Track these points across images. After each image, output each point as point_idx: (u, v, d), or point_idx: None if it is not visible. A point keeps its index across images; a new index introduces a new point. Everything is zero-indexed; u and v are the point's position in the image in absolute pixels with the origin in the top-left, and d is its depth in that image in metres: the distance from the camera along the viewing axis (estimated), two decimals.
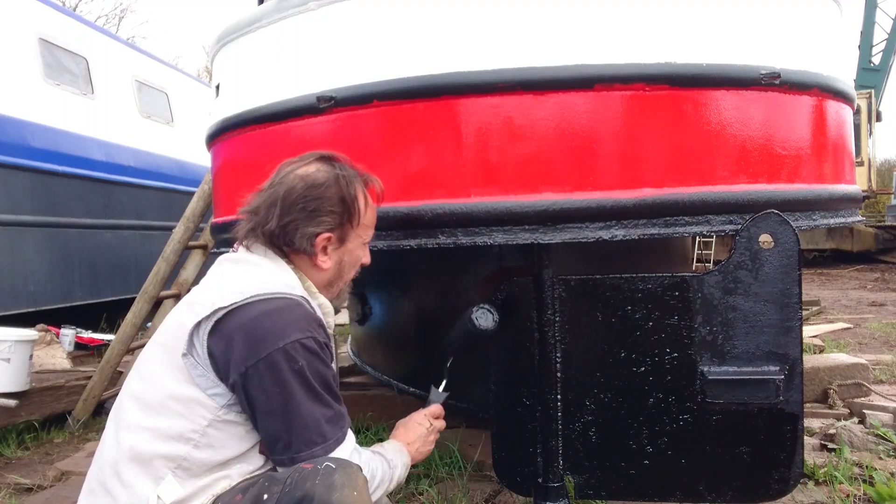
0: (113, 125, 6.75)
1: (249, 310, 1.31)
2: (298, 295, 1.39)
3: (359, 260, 1.60)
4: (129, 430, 1.31)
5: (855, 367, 3.55)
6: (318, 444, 1.29)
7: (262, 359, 1.27)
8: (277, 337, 1.29)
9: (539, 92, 1.76)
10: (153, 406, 1.31)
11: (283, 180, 1.50)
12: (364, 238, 1.59)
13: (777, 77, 1.84)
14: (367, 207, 1.56)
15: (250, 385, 1.28)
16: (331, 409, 1.33)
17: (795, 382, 1.82)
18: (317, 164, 1.54)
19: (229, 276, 1.44)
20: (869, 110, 15.26)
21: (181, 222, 4.03)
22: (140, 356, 1.44)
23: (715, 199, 1.79)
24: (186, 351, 1.30)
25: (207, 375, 1.31)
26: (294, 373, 1.28)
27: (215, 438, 1.31)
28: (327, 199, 1.48)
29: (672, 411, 1.89)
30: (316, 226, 1.47)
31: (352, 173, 1.55)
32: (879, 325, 6.25)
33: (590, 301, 1.91)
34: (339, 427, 1.34)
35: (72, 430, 3.75)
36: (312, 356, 1.32)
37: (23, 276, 5.46)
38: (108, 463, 1.32)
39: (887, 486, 2.28)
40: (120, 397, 1.40)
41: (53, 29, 6.14)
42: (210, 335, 1.30)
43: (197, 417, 1.30)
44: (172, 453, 1.28)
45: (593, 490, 1.99)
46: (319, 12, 1.98)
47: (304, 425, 1.29)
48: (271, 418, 1.29)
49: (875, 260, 14.47)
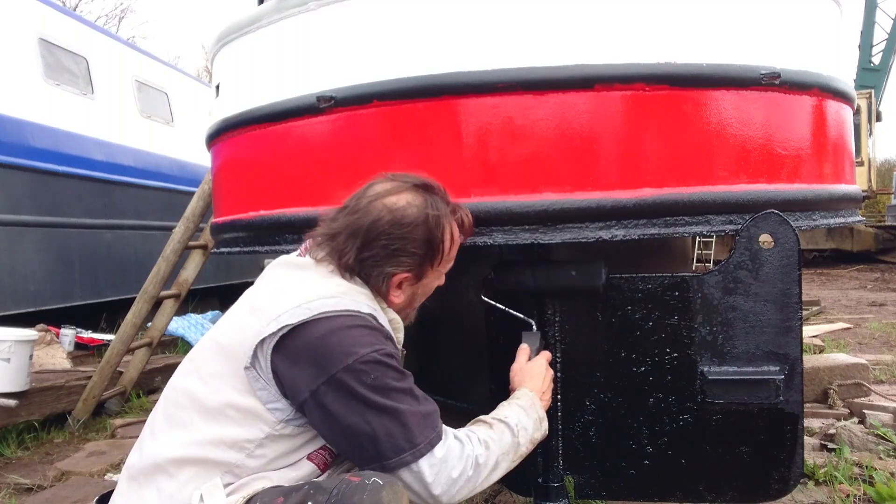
0: (113, 125, 6.75)
1: (316, 327, 1.28)
2: (367, 311, 1.35)
3: (432, 289, 1.55)
4: (185, 429, 1.30)
5: (855, 367, 3.55)
6: (407, 450, 1.26)
7: (333, 376, 1.25)
8: (345, 354, 1.26)
9: (539, 92, 1.76)
10: (211, 411, 1.30)
11: (369, 208, 1.41)
12: (443, 271, 1.53)
13: (777, 77, 1.84)
14: (452, 245, 1.49)
15: (323, 404, 1.26)
16: (415, 410, 1.29)
17: (795, 382, 1.82)
18: (409, 195, 1.44)
19: (296, 284, 1.38)
20: (869, 110, 15.25)
21: (181, 222, 4.03)
22: (197, 350, 1.42)
23: (715, 199, 1.79)
24: (250, 364, 1.28)
25: (269, 390, 1.29)
26: (367, 386, 1.26)
27: (270, 449, 1.30)
28: (412, 240, 1.40)
29: (672, 411, 1.89)
30: (395, 266, 1.40)
31: (443, 210, 1.46)
32: (879, 325, 6.25)
33: (590, 301, 1.91)
34: (429, 427, 1.30)
35: (72, 430, 3.75)
36: (382, 366, 1.28)
37: (23, 276, 5.46)
38: (157, 456, 1.30)
39: (887, 486, 2.28)
40: (174, 389, 1.38)
41: (53, 29, 6.14)
42: (275, 351, 1.28)
43: (255, 429, 1.29)
44: (225, 459, 1.27)
45: (593, 490, 1.99)
46: (319, 12, 1.98)
47: (388, 433, 1.26)
48: (352, 435, 1.27)
49: (875, 260, 14.47)
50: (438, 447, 1.30)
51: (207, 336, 1.43)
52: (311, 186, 2.02)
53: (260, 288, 1.44)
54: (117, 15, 28.63)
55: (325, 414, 1.27)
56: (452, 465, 1.30)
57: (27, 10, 5.90)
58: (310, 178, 2.02)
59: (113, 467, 3.10)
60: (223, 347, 1.35)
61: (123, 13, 32.27)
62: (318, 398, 1.26)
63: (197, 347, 1.43)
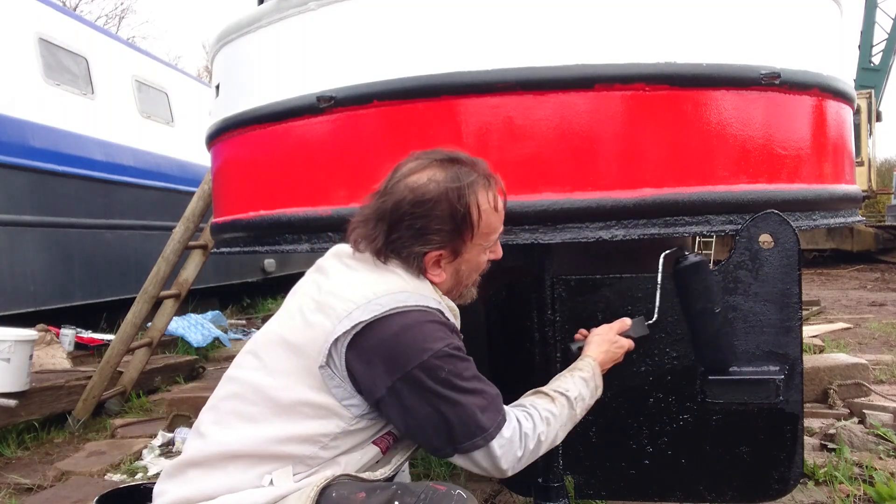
0: (113, 125, 6.75)
1: (389, 324, 1.30)
2: (435, 306, 1.37)
3: (481, 263, 1.52)
4: (256, 424, 1.31)
5: (855, 367, 3.55)
6: (479, 435, 1.31)
7: (408, 373, 1.28)
8: (420, 351, 1.29)
9: (539, 92, 1.76)
10: (284, 407, 1.31)
11: (393, 189, 1.41)
12: (485, 244, 1.49)
13: (777, 77, 1.84)
14: (484, 215, 1.43)
15: (399, 398, 1.29)
16: (482, 397, 1.34)
17: (795, 382, 1.82)
18: (430, 170, 1.41)
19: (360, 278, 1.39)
20: (869, 110, 15.25)
21: (181, 222, 4.03)
22: (259, 344, 1.41)
23: (715, 199, 1.79)
24: (325, 363, 1.30)
25: (344, 387, 1.30)
26: (440, 381, 1.29)
27: (343, 442, 1.33)
28: (435, 217, 1.38)
29: (672, 411, 1.89)
30: (424, 245, 1.39)
31: (468, 181, 1.41)
32: (879, 325, 6.25)
33: (590, 301, 1.91)
34: (495, 411, 1.35)
35: (72, 430, 3.75)
36: (453, 360, 1.32)
37: (23, 276, 5.46)
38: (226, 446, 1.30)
39: (887, 486, 2.28)
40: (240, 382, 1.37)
41: (53, 29, 6.14)
42: (349, 349, 1.29)
43: (330, 425, 1.30)
44: (299, 453, 1.29)
45: (593, 490, 1.99)
46: (319, 12, 1.98)
47: (463, 421, 1.31)
48: (428, 424, 1.32)
49: (875, 260, 14.46)
50: (505, 428, 1.35)
51: (269, 330, 1.42)
52: (311, 186, 2.02)
53: (322, 282, 1.43)
54: (117, 15, 28.64)
55: (402, 408, 1.30)
56: (517, 444, 1.36)
57: (27, 9, 5.90)
58: (310, 178, 2.02)
59: (113, 467, 3.10)
60: (292, 345, 1.34)
61: (123, 13, 32.30)
62: (395, 393, 1.29)
63: (259, 341, 1.42)
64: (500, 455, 1.34)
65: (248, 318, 8.70)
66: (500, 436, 1.34)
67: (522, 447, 1.37)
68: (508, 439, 1.35)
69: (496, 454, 1.33)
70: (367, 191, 1.93)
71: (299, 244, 2.07)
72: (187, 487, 1.30)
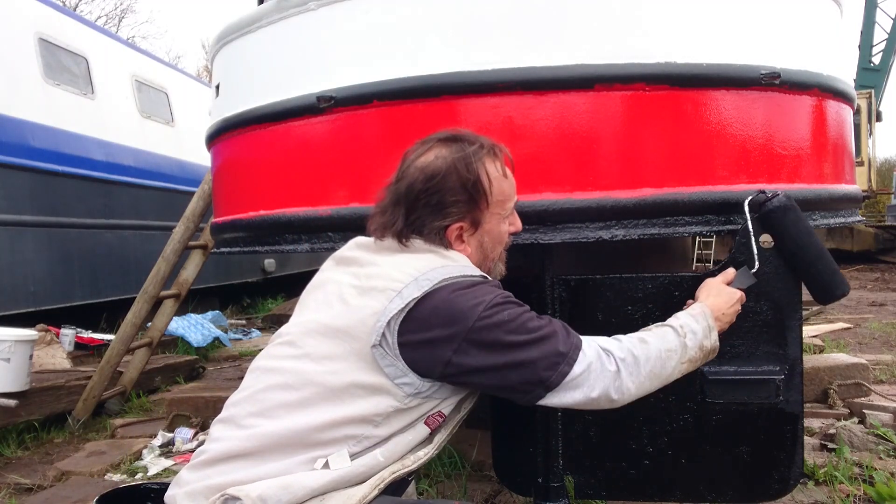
0: (113, 125, 6.75)
1: (439, 293, 1.31)
2: (478, 273, 1.39)
3: (503, 234, 1.53)
4: (305, 410, 1.30)
5: (855, 367, 3.55)
6: (561, 362, 1.31)
7: (469, 330, 1.28)
8: (474, 306, 1.29)
9: (539, 92, 1.76)
10: (335, 391, 1.31)
11: (404, 174, 1.45)
12: (502, 213, 1.51)
13: (777, 77, 1.84)
14: (495, 182, 1.45)
15: (470, 359, 1.29)
16: (550, 327, 1.34)
17: (795, 382, 1.82)
18: (436, 149, 1.45)
19: (400, 260, 1.40)
20: (869, 110, 15.25)
21: (181, 222, 4.03)
22: (294, 334, 1.40)
23: (715, 199, 1.79)
24: (377, 343, 1.30)
25: (397, 365, 1.31)
26: (503, 327, 1.30)
27: (395, 420, 1.33)
28: (448, 189, 1.41)
29: (672, 411, 1.89)
30: (442, 219, 1.42)
31: (472, 151, 1.44)
32: (879, 325, 6.25)
33: (590, 301, 1.91)
34: (567, 335, 1.35)
35: (72, 430, 3.75)
36: (509, 304, 1.33)
37: (23, 276, 5.46)
38: (275, 435, 1.29)
39: (887, 486, 2.28)
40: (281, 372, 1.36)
41: (53, 28, 6.14)
42: (403, 325, 1.30)
43: (383, 404, 1.31)
44: (352, 433, 1.30)
45: (593, 490, 1.99)
46: (319, 12, 1.98)
47: (541, 355, 1.31)
48: (509, 372, 1.31)
49: (875, 260, 14.46)
50: (585, 347, 1.34)
51: (305, 321, 1.42)
52: (311, 186, 2.02)
53: (358, 270, 1.44)
54: (117, 15, 28.64)
55: (474, 367, 1.30)
56: (605, 360, 1.35)
57: (27, 9, 5.90)
58: (310, 178, 2.02)
59: (113, 467, 3.10)
60: (337, 329, 1.34)
61: (123, 13, 32.24)
62: (463, 355, 1.29)
63: (292, 332, 1.42)
64: (592, 377, 1.32)
65: (248, 318, 8.71)
66: (583, 354, 1.33)
67: (613, 362, 1.35)
68: (594, 356, 1.34)
69: (586, 377, 1.32)
70: (367, 191, 1.94)
71: (299, 244, 2.07)
72: (228, 476, 1.28)
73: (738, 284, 1.70)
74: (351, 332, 1.33)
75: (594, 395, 1.34)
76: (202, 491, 1.28)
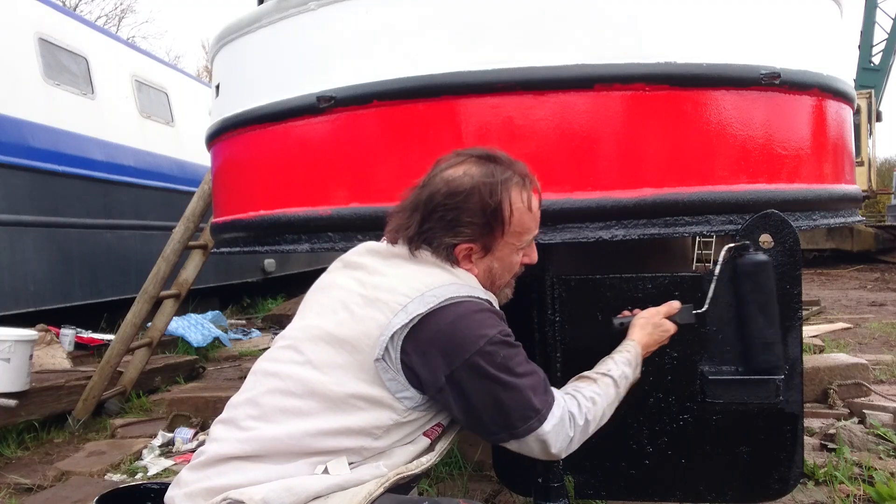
0: (113, 125, 6.75)
1: (445, 314, 1.32)
2: (483, 296, 1.40)
3: (514, 264, 1.53)
4: (305, 418, 1.31)
5: (855, 367, 3.55)
6: (533, 417, 1.34)
7: (466, 360, 1.30)
8: (477, 338, 1.31)
9: (539, 92, 1.76)
10: (336, 401, 1.31)
11: (430, 182, 1.45)
12: (518, 244, 1.50)
13: (777, 77, 1.84)
14: (517, 213, 1.44)
15: (459, 385, 1.31)
16: (533, 379, 1.37)
17: (795, 382, 1.82)
18: (467, 165, 1.45)
19: (408, 272, 1.40)
20: (869, 110, 15.24)
21: (181, 222, 4.03)
22: (299, 339, 1.40)
23: (715, 199, 1.79)
24: (380, 356, 1.31)
25: (398, 379, 1.32)
26: (497, 366, 1.32)
27: (395, 433, 1.34)
28: (466, 209, 1.40)
29: (672, 411, 1.89)
30: (454, 236, 1.41)
31: (502, 178, 1.43)
32: (879, 325, 6.25)
33: (590, 301, 1.91)
34: (544, 392, 1.38)
35: (72, 430, 3.75)
36: (506, 346, 1.35)
37: (23, 276, 5.46)
38: (274, 441, 1.30)
39: (887, 486, 2.28)
40: (282, 377, 1.36)
41: (53, 28, 6.14)
42: (406, 341, 1.31)
43: (383, 417, 1.32)
44: (351, 445, 1.31)
45: (593, 490, 1.99)
46: (319, 12, 1.98)
47: (519, 405, 1.33)
48: (485, 410, 1.34)
49: (875, 260, 14.46)
50: (555, 407, 1.37)
51: (308, 325, 1.42)
52: (311, 186, 2.02)
53: (365, 278, 1.43)
54: (117, 15, 28.65)
55: (461, 396, 1.32)
56: (567, 425, 1.39)
57: (27, 9, 5.90)
58: (310, 178, 2.02)
59: (113, 467, 3.10)
60: (340, 340, 1.35)
61: (123, 13, 32.24)
62: (455, 382, 1.31)
63: (296, 336, 1.42)
64: (552, 436, 1.36)
65: (248, 318, 8.71)
66: (552, 415, 1.36)
67: (572, 427, 1.39)
68: (559, 419, 1.37)
69: (548, 435, 1.35)
70: (367, 190, 1.94)
71: (299, 244, 2.07)
72: (226, 478, 1.29)
73: (678, 319, 1.72)
74: (354, 343, 1.33)
75: (552, 450, 1.37)
76: (201, 492, 1.28)
